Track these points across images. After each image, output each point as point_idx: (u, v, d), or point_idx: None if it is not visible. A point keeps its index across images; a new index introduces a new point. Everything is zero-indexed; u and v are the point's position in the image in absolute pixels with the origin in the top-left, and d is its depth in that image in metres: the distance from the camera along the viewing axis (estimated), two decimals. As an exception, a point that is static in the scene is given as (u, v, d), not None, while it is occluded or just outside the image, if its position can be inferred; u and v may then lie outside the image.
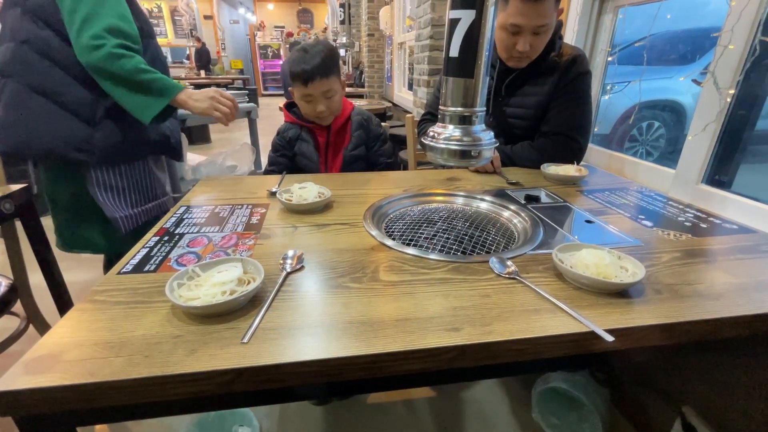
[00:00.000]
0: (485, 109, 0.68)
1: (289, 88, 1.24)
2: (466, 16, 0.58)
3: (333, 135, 1.27)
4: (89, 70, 0.98)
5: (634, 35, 1.35)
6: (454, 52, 0.61)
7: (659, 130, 2.26)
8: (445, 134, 0.68)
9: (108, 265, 1.34)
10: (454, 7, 0.59)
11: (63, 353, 0.45)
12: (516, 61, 1.17)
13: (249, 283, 0.56)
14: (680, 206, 0.94)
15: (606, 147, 1.50)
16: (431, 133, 0.70)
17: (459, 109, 0.66)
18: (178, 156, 1.30)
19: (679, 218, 0.87)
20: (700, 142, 1.02)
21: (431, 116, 1.51)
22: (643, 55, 1.27)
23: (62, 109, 1.00)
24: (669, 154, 2.22)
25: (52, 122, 1.00)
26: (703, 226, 0.83)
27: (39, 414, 0.43)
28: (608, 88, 1.51)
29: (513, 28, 1.08)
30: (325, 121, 1.23)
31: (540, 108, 1.20)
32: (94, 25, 0.94)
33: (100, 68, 0.96)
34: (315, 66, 1.12)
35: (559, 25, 1.21)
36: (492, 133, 0.69)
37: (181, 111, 1.15)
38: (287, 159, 1.28)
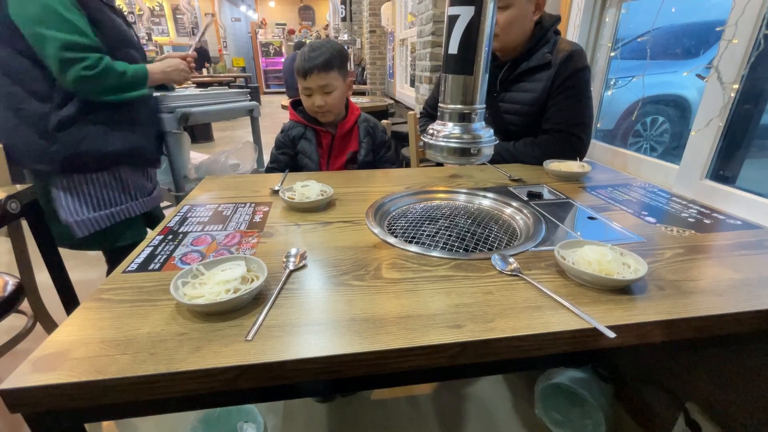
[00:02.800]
0: (485, 106, 0.68)
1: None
2: (465, 13, 0.58)
3: (338, 139, 1.27)
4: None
5: (638, 30, 1.34)
6: (453, 49, 0.61)
7: (663, 125, 2.24)
8: (445, 132, 0.68)
9: (108, 264, 1.36)
10: (453, 3, 0.59)
11: (70, 351, 0.46)
12: None
13: (252, 281, 0.57)
14: (684, 202, 0.94)
15: (610, 142, 1.49)
16: (431, 131, 0.70)
17: (458, 106, 0.66)
18: (152, 165, 1.33)
19: (683, 214, 0.86)
20: (704, 138, 1.01)
21: (428, 114, 1.52)
22: (647, 50, 1.26)
23: (22, 123, 1.04)
24: (673, 149, 2.21)
25: (13, 135, 1.06)
26: (707, 222, 0.82)
27: (47, 410, 0.43)
28: (612, 83, 1.50)
29: None
30: (324, 117, 1.23)
31: (536, 104, 1.19)
32: (48, 47, 0.97)
33: (80, 92, 1.03)
34: (315, 60, 1.15)
35: (556, 21, 1.20)
36: (492, 131, 0.69)
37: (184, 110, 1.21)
38: (288, 157, 1.28)
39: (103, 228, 1.19)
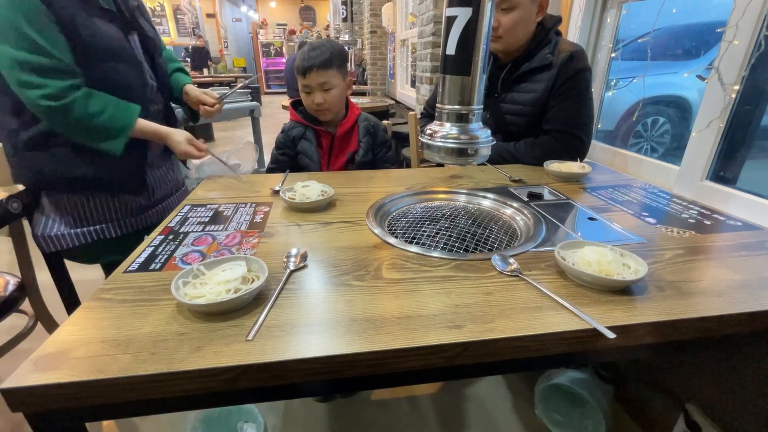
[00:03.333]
0: (482, 106, 0.68)
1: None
2: (463, 14, 0.58)
3: (338, 138, 1.28)
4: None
5: (638, 30, 1.34)
6: (450, 49, 0.61)
7: (664, 126, 2.24)
8: (442, 132, 0.68)
9: (104, 269, 1.29)
10: (450, 4, 0.59)
11: (71, 350, 0.46)
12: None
13: (253, 281, 0.57)
14: (684, 203, 0.94)
15: (611, 143, 1.49)
16: (428, 131, 0.70)
17: (456, 107, 0.66)
18: (132, 193, 1.09)
19: (683, 215, 0.86)
20: (704, 139, 1.01)
21: (429, 115, 1.52)
22: (648, 51, 1.26)
23: (2, 134, 0.97)
24: (674, 150, 2.20)
25: (3, 143, 0.98)
26: (707, 222, 0.82)
27: (48, 410, 0.44)
28: (612, 83, 1.50)
29: None
30: (323, 116, 1.24)
31: (537, 105, 1.20)
32: (2, 65, 0.84)
33: (47, 122, 0.90)
34: (314, 59, 1.16)
35: (557, 21, 1.21)
36: (489, 131, 0.69)
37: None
38: (289, 158, 1.28)
39: (75, 246, 1.07)
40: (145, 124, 0.99)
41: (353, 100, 1.36)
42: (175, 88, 1.22)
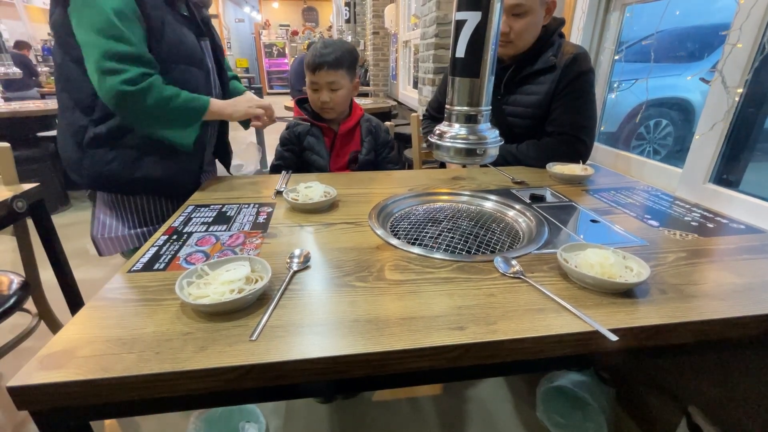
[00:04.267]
0: (491, 108, 0.68)
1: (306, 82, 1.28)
2: (472, 18, 0.59)
3: (339, 137, 1.28)
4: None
5: (642, 32, 1.34)
6: (460, 52, 0.62)
7: (667, 129, 2.24)
8: (451, 133, 0.69)
9: None
10: (460, 8, 0.60)
11: (76, 349, 0.46)
12: (499, 47, 1.17)
13: (257, 281, 0.57)
14: (687, 206, 0.93)
15: (613, 145, 1.49)
16: (437, 131, 0.71)
17: (465, 108, 0.67)
18: (189, 195, 1.03)
19: (686, 218, 0.86)
20: (707, 141, 1.01)
21: (431, 116, 1.52)
22: (651, 53, 1.26)
23: (66, 131, 0.99)
24: (677, 153, 2.20)
25: (60, 140, 1.01)
26: (710, 225, 0.82)
27: (53, 408, 0.44)
28: (615, 85, 1.50)
29: None
30: (327, 114, 1.25)
31: (540, 107, 1.20)
32: (91, 53, 0.88)
33: (118, 110, 0.91)
34: (326, 57, 1.17)
35: (560, 24, 1.21)
36: (497, 132, 0.70)
37: None
38: (294, 154, 1.29)
39: (133, 248, 1.09)
40: (214, 102, 1.03)
41: (355, 100, 1.36)
42: (233, 95, 1.24)
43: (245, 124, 1.22)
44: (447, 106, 0.69)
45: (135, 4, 0.89)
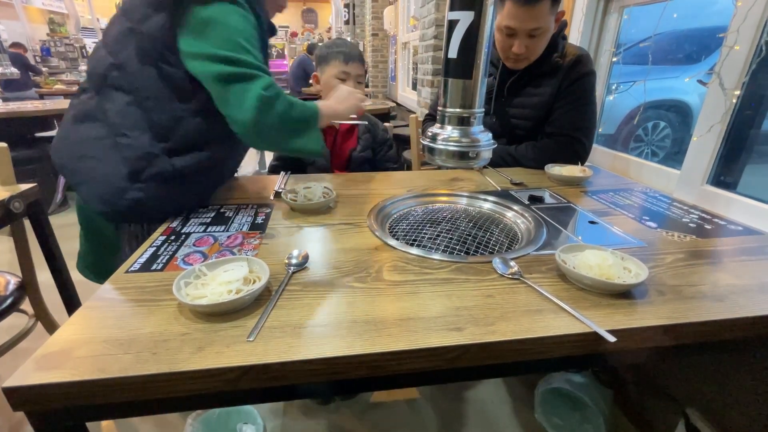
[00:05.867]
0: (484, 110, 0.68)
1: (314, 74, 1.30)
2: (465, 18, 0.58)
3: (340, 135, 1.29)
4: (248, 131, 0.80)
5: (640, 35, 1.35)
6: (452, 53, 0.62)
7: (665, 130, 2.25)
8: (444, 135, 0.68)
9: None
10: (452, 8, 0.59)
11: (73, 350, 0.46)
12: (513, 62, 1.17)
13: (255, 282, 0.57)
14: (685, 207, 0.94)
15: (611, 147, 1.49)
16: (429, 134, 0.71)
17: (458, 110, 0.66)
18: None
19: (684, 219, 0.86)
20: (705, 143, 1.02)
21: (433, 117, 1.52)
22: (649, 55, 1.26)
23: (116, 153, 0.80)
24: (675, 155, 2.21)
25: (102, 161, 0.80)
26: (708, 227, 0.82)
27: (50, 409, 0.44)
28: (613, 87, 1.50)
29: (507, 30, 1.09)
30: None
31: (543, 108, 1.20)
32: (239, 65, 0.78)
33: (256, 125, 0.79)
34: (356, 51, 1.26)
35: (563, 26, 1.21)
36: (490, 134, 0.70)
37: None
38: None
39: None
40: (320, 104, 0.94)
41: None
42: None
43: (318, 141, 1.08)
44: (439, 108, 0.69)
45: (256, 21, 0.84)
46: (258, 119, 0.78)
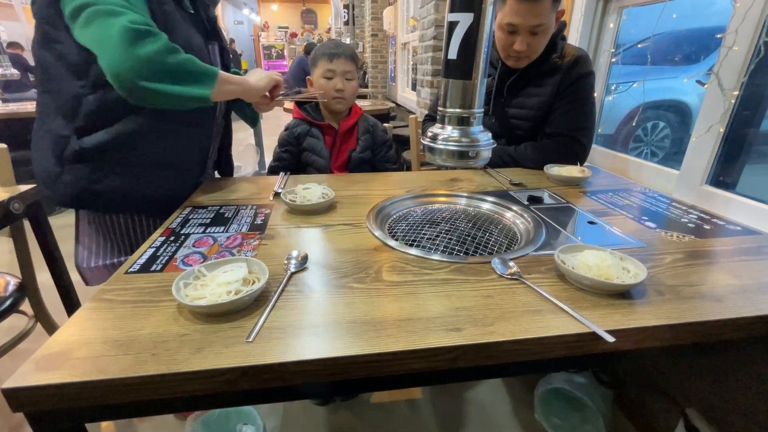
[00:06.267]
0: (483, 110, 0.69)
1: (308, 77, 1.31)
2: (465, 19, 0.59)
3: (340, 136, 1.30)
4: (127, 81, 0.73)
5: (638, 35, 1.35)
6: (452, 54, 0.62)
7: (664, 131, 2.25)
8: (444, 135, 0.69)
9: None
10: (452, 10, 0.60)
11: (72, 351, 0.46)
12: (514, 60, 1.18)
13: (254, 282, 0.57)
14: (684, 207, 0.94)
15: (611, 147, 1.49)
16: (430, 134, 0.71)
17: (457, 110, 0.67)
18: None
19: (683, 219, 0.86)
20: (704, 144, 1.02)
21: (432, 118, 1.52)
22: (648, 56, 1.27)
23: (44, 141, 0.85)
24: (674, 155, 2.21)
25: (38, 151, 0.87)
26: (707, 227, 0.82)
27: (49, 410, 0.44)
28: (612, 88, 1.50)
29: (509, 27, 1.09)
30: (339, 104, 1.27)
31: (542, 109, 1.20)
32: (107, 29, 0.72)
33: (145, 76, 0.73)
34: (342, 47, 1.26)
35: (562, 26, 1.21)
36: (490, 134, 0.70)
37: None
38: (292, 155, 1.29)
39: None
40: (224, 74, 0.86)
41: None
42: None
43: (254, 120, 1.18)
44: (439, 108, 0.69)
45: None
46: (125, 57, 0.70)
